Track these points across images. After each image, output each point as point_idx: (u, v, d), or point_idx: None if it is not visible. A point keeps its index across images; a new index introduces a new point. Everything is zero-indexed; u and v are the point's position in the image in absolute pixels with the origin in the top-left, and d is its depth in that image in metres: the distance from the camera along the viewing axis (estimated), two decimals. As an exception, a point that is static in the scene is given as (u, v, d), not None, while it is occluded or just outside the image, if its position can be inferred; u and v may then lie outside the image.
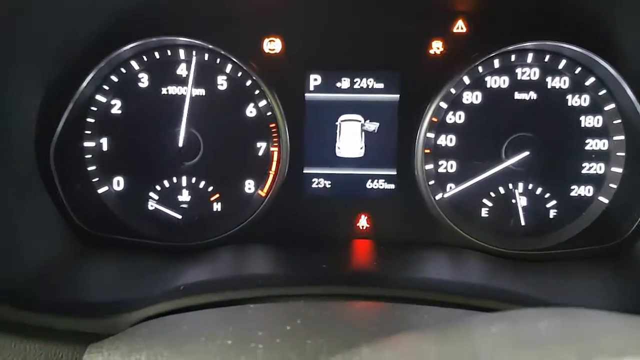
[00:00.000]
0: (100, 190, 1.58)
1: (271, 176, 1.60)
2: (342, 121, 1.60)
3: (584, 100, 1.55)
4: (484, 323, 0.58)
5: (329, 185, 1.62)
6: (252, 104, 1.57)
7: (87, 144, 1.56)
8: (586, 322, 0.55)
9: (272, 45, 1.55)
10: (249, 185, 1.61)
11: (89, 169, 1.57)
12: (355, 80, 1.58)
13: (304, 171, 1.61)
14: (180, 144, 1.56)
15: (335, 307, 0.96)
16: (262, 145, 1.59)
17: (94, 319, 1.11)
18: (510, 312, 0.63)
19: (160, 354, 0.78)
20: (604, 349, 0.46)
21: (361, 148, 1.61)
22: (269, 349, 0.76)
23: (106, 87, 1.55)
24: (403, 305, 1.02)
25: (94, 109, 1.55)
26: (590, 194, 1.58)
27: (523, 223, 1.58)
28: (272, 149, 1.59)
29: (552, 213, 1.59)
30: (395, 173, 1.61)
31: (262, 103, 1.57)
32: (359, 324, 0.89)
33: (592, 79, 1.54)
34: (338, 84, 1.58)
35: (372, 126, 1.60)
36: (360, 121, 1.60)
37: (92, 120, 1.55)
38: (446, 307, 1.06)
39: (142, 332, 0.92)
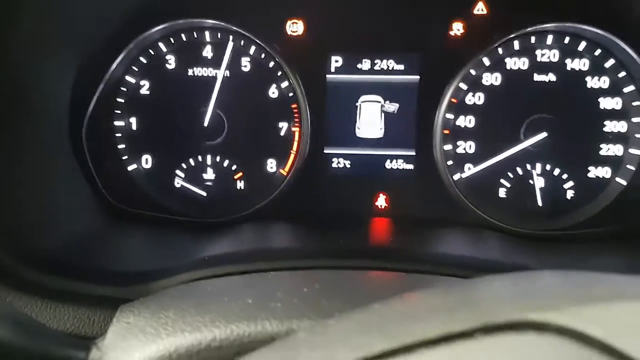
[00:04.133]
0: (129, 168, 1.64)
1: (292, 156, 1.64)
2: (362, 102, 1.63)
3: (604, 82, 1.55)
4: (487, 279, 0.62)
5: (349, 165, 1.66)
6: (274, 85, 1.62)
7: (117, 123, 1.62)
8: (584, 279, 0.59)
9: (295, 28, 1.59)
10: (271, 165, 1.66)
11: (119, 147, 1.63)
12: (375, 62, 1.62)
13: (325, 151, 1.66)
14: (205, 124, 1.61)
15: (351, 275, 1.01)
16: (284, 126, 1.64)
17: (124, 287, 1.18)
18: (516, 273, 0.66)
19: (187, 311, 0.83)
20: (593, 297, 0.50)
21: (381, 129, 1.64)
22: (287, 308, 0.81)
23: (135, 69, 1.61)
24: (416, 276, 1.06)
25: (124, 89, 1.61)
26: (608, 176, 1.59)
27: (540, 203, 1.60)
28: (293, 129, 1.64)
29: (570, 194, 1.61)
30: (414, 153, 1.64)
31: (285, 84, 1.61)
32: (373, 289, 0.94)
33: (611, 61, 1.54)
34: (359, 66, 1.62)
35: (392, 107, 1.64)
36: (380, 102, 1.63)
37: (122, 100, 1.62)
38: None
39: (170, 293, 0.98)
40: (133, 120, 1.63)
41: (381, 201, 1.66)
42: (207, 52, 1.61)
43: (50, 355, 0.79)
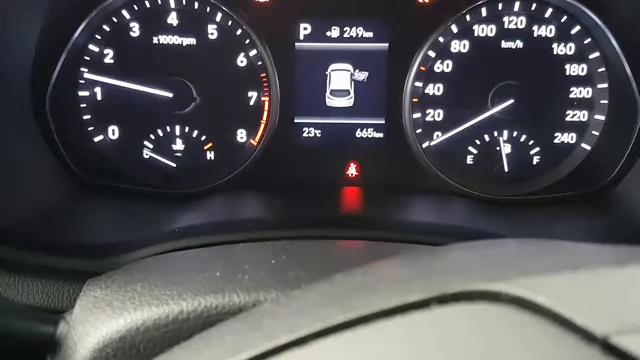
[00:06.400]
0: (96, 139, 1.61)
1: (263, 126, 1.63)
2: (332, 70, 1.62)
3: (569, 49, 1.57)
4: (446, 249, 0.64)
5: (319, 135, 1.66)
6: (242, 54, 1.59)
7: (81, 93, 1.58)
8: (538, 248, 0.61)
9: (262, -6, 1.56)
10: (241, 135, 1.65)
11: (85, 118, 1.60)
12: (345, 29, 1.60)
13: (295, 120, 1.65)
14: (171, 94, 1.59)
15: (318, 245, 1.02)
16: (253, 95, 1.62)
17: (92, 259, 1.17)
18: (473, 242, 0.68)
19: (154, 284, 0.84)
20: (544, 267, 0.52)
21: (351, 97, 1.64)
22: (254, 279, 0.82)
23: (98, 37, 1.56)
24: (384, 244, 1.08)
25: (87, 58, 1.57)
26: (573, 141, 1.62)
27: (507, 169, 1.62)
28: (263, 98, 1.62)
29: (536, 159, 1.64)
30: (383, 122, 1.65)
31: (253, 52, 1.59)
32: (339, 259, 0.95)
33: (577, 28, 1.55)
34: (328, 33, 1.60)
35: (362, 75, 1.63)
36: (350, 70, 1.62)
37: (86, 70, 1.57)
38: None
39: (138, 267, 0.98)
40: (98, 90, 1.59)
41: (352, 170, 1.67)
42: (172, 19, 1.57)
43: (16, 330, 0.79)
